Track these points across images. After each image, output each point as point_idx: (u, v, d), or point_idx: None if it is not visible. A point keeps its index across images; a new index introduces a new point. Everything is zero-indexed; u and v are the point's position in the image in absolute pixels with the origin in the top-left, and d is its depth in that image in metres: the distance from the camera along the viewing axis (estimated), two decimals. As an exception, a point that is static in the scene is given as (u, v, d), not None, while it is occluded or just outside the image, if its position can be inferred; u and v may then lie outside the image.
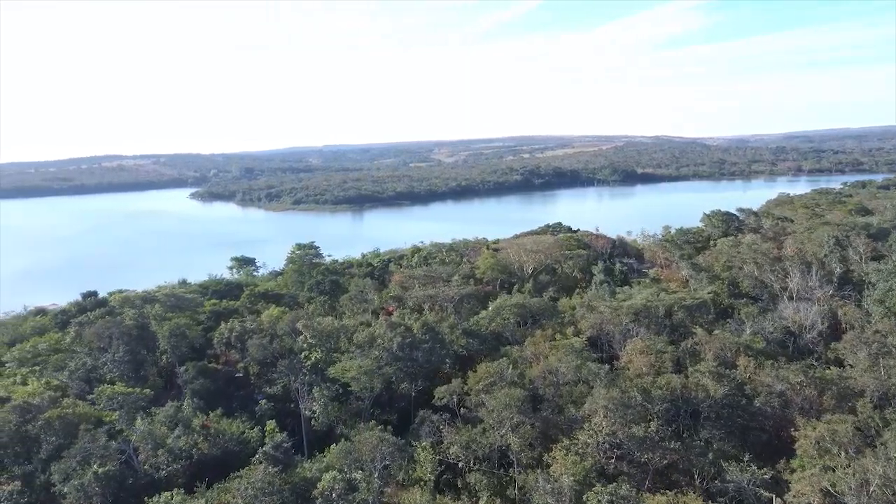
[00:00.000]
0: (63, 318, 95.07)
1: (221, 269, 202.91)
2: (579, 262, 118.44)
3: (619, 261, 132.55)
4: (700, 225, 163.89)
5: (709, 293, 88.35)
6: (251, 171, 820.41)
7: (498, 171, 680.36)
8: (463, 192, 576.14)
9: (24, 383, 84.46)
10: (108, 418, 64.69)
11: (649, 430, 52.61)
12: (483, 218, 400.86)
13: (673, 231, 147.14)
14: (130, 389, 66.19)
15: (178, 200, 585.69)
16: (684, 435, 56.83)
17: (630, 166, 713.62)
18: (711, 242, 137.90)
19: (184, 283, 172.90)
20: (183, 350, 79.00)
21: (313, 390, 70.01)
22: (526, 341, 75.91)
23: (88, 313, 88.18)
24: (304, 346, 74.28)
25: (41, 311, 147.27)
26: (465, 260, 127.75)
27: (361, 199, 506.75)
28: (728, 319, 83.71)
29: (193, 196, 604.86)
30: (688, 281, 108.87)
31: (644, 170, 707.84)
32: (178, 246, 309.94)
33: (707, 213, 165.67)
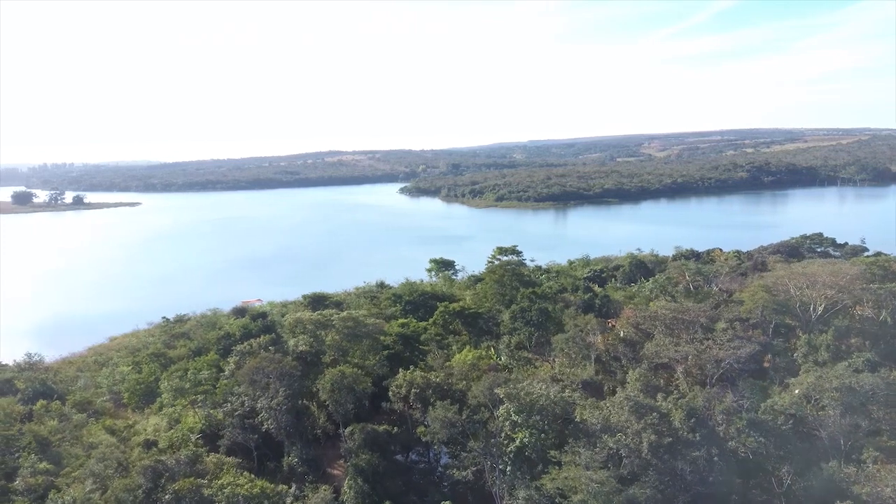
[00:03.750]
0: (227, 343, 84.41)
1: (420, 269, 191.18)
2: (891, 300, 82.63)
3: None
4: None
5: None
6: (457, 166, 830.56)
7: (720, 167, 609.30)
8: (679, 189, 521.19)
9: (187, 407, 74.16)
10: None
11: None
12: (706, 221, 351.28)
13: None
14: (259, 485, 49.53)
15: (387, 194, 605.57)
16: None
17: (882, 163, 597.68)
18: None
19: (381, 285, 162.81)
20: (348, 407, 61.76)
21: (517, 492, 48.04)
22: (864, 454, 46.46)
23: (252, 341, 75.58)
24: (506, 424, 52.56)
25: (241, 311, 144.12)
26: (715, 288, 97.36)
27: (566, 196, 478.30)
28: None
29: (402, 191, 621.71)
30: None
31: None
32: (384, 240, 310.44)
33: None
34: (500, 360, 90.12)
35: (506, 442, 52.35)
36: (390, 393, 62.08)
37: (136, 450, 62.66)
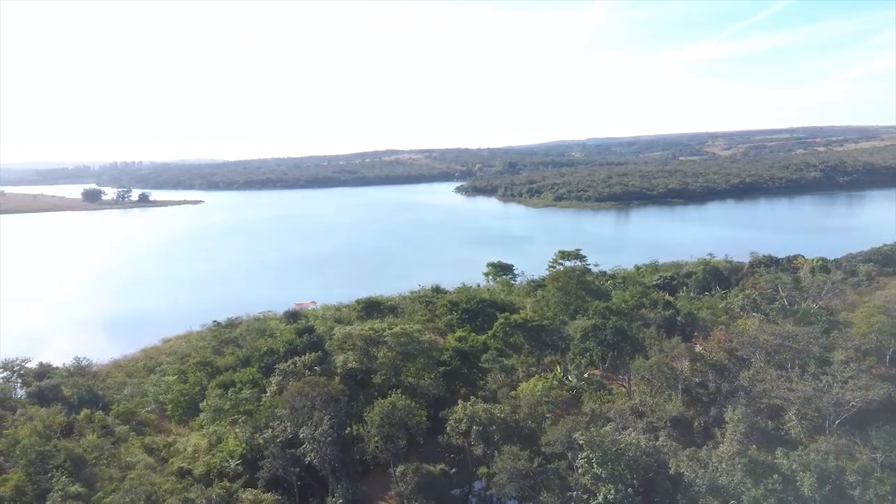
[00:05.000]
0: (270, 360, 78.50)
1: (476, 272, 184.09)
2: None
3: None
4: None
5: None
6: (514, 165, 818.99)
7: (790, 166, 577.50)
8: (747, 190, 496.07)
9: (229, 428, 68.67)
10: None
11: None
12: (779, 224, 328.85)
13: None
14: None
15: (444, 194, 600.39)
16: None
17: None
18: None
19: (437, 289, 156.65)
20: (401, 444, 54.38)
21: (599, 558, 39.98)
22: None
23: (296, 359, 69.26)
24: (586, 476, 44.32)
25: (294, 315, 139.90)
26: (813, 305, 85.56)
27: (628, 196, 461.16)
28: None
29: (458, 190, 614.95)
30: None
31: None
32: (440, 240, 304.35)
33: None
34: (568, 379, 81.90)
35: (585, 496, 44.20)
36: (448, 427, 54.61)
37: (170, 479, 57.43)
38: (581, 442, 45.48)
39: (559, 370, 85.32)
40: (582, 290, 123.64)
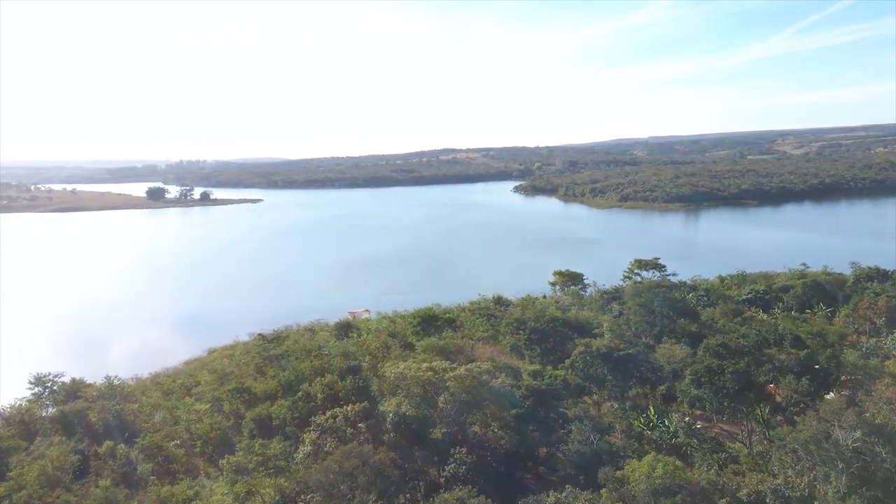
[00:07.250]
0: (305, 409, 65.55)
1: (540, 277, 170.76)
2: None
3: None
4: None
5: None
6: (574, 163, 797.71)
7: (873, 165, 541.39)
8: (826, 191, 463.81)
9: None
10: None
11: None
12: (869, 229, 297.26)
13: None
14: None
15: (502, 193, 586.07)
16: None
17: None
18: None
19: (499, 300, 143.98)
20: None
21: None
22: None
23: (337, 410, 55.86)
24: None
25: (346, 327, 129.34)
26: None
27: (697, 197, 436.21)
28: None
29: (516, 189, 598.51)
30: None
31: None
32: (500, 242, 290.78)
33: None
34: (665, 423, 67.54)
35: None
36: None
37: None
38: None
39: (653, 412, 70.88)
40: (669, 309, 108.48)
